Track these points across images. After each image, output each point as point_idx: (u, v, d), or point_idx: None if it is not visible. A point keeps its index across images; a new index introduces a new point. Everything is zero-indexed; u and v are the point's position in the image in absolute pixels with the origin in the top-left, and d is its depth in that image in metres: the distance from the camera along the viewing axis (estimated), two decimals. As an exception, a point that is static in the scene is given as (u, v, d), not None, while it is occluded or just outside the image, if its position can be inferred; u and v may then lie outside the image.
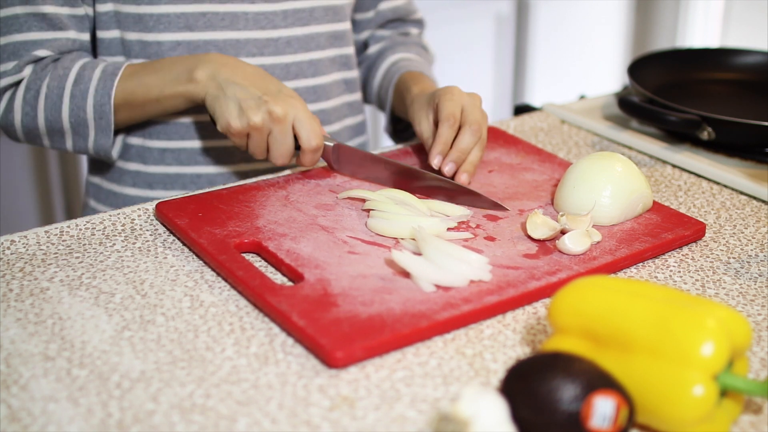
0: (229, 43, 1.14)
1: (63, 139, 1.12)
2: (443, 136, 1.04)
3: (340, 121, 1.27)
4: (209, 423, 0.70)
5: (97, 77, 1.08)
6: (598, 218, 0.97)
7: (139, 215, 1.01)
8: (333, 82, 1.25)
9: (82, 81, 1.08)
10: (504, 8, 2.72)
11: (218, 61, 1.05)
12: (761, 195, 1.08)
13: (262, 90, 1.02)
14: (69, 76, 1.08)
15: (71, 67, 1.09)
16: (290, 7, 1.17)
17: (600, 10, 2.96)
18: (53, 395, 0.73)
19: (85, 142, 1.12)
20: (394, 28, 1.37)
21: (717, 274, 0.92)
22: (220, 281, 0.89)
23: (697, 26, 2.90)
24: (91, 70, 1.09)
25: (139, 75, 1.08)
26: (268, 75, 1.05)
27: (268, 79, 1.04)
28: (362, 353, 0.77)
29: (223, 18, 1.13)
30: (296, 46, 1.19)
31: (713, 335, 0.66)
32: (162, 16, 1.12)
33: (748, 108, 1.30)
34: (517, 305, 0.85)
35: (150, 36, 1.12)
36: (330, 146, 1.05)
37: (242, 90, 1.02)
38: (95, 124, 1.09)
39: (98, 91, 1.08)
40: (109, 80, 1.08)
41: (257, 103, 1.00)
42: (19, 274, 0.90)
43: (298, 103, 1.02)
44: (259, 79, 1.03)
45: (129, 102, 1.08)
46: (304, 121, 1.01)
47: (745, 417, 0.72)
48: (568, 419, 0.64)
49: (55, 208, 2.16)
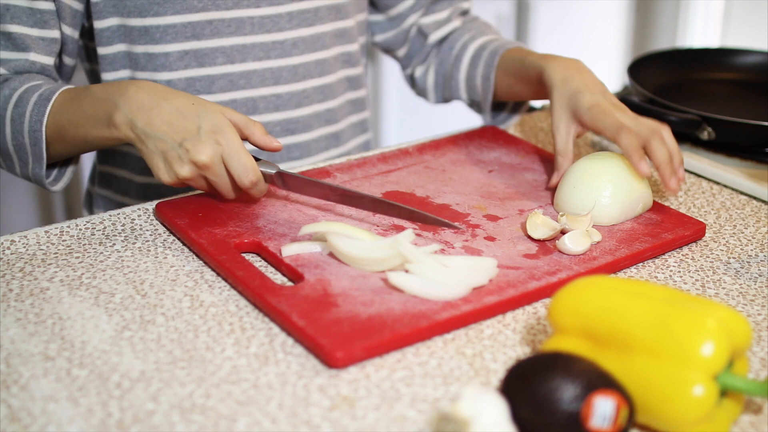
0: (236, 49, 1.13)
1: (12, 162, 1.05)
2: (657, 155, 0.98)
3: (345, 119, 1.27)
4: (209, 423, 0.70)
5: (33, 101, 1.00)
6: (598, 218, 0.97)
7: (139, 215, 1.01)
8: (339, 80, 1.24)
9: (21, 104, 1.01)
10: (504, 8, 2.72)
11: (135, 104, 0.94)
12: (761, 195, 1.08)
13: (180, 135, 0.92)
14: (12, 97, 1.01)
15: (18, 88, 1.02)
16: (295, 9, 1.17)
17: (600, 10, 2.96)
18: (53, 395, 0.73)
19: (27, 169, 1.04)
20: (442, 9, 1.29)
21: (717, 274, 0.92)
22: (220, 281, 0.89)
23: (697, 26, 2.90)
24: (31, 94, 1.01)
25: (68, 109, 0.99)
26: (186, 107, 0.94)
27: (187, 115, 0.93)
28: (362, 353, 0.77)
29: (230, 24, 1.13)
30: (302, 47, 1.18)
31: (713, 335, 0.66)
32: (168, 27, 1.10)
33: (748, 108, 1.30)
34: (517, 305, 0.85)
35: (157, 48, 1.11)
36: (272, 173, 0.96)
37: (161, 141, 0.93)
38: (31, 151, 1.02)
39: (32, 116, 1.00)
40: (42, 106, 1.00)
41: (179, 154, 0.92)
42: (19, 274, 0.90)
43: (223, 138, 0.92)
44: (176, 120, 0.93)
45: (62, 135, 1.00)
46: (233, 157, 0.92)
47: (745, 417, 0.72)
48: (568, 419, 0.64)
49: (55, 208, 2.16)
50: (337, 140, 1.25)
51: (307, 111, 1.21)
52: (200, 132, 0.92)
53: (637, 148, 0.98)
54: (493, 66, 1.20)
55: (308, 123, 1.21)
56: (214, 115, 0.94)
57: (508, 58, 1.19)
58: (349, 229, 0.90)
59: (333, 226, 0.90)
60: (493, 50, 1.21)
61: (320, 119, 1.23)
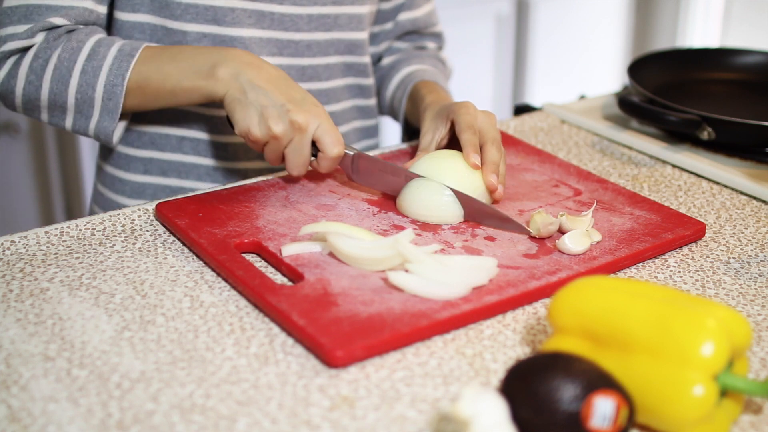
0: (253, 41, 1.13)
1: (63, 115, 1.06)
2: (488, 156, 1.02)
3: (349, 123, 1.28)
4: (209, 423, 0.70)
5: (112, 55, 1.03)
6: (444, 218, 0.98)
7: (139, 216, 1.01)
8: (344, 86, 1.25)
9: (96, 57, 1.03)
10: (504, 8, 2.72)
11: (242, 60, 1.00)
12: (761, 195, 1.08)
13: (285, 97, 0.98)
14: (83, 49, 1.03)
15: (86, 40, 1.04)
16: (316, 12, 1.17)
17: (600, 10, 2.97)
18: (53, 395, 0.73)
19: (87, 122, 1.06)
20: (411, 41, 1.37)
21: (717, 274, 0.92)
22: (220, 281, 0.89)
23: (697, 26, 2.90)
24: (107, 47, 1.04)
25: (158, 61, 1.03)
26: (291, 80, 1.01)
27: (292, 86, 1.00)
28: (362, 353, 0.77)
29: (251, 15, 1.13)
30: (315, 50, 1.19)
31: (713, 335, 0.66)
32: (190, 6, 1.10)
33: (748, 108, 1.30)
34: (517, 305, 0.85)
35: (176, 24, 1.11)
36: (350, 155, 1.01)
37: (265, 96, 0.98)
38: (102, 105, 1.04)
39: (112, 70, 1.03)
40: (125, 61, 1.03)
41: (279, 112, 0.97)
42: (19, 274, 0.90)
43: (322, 112, 0.99)
44: (283, 85, 0.99)
45: (142, 88, 1.03)
46: (327, 130, 0.98)
47: (745, 417, 0.72)
48: (568, 419, 0.64)
49: (55, 208, 2.16)
50: None
51: None
52: (304, 101, 0.99)
53: (474, 145, 1.01)
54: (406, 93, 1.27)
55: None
56: (313, 98, 1.01)
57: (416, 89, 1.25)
58: (349, 229, 0.90)
59: (333, 226, 0.90)
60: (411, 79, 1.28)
61: None
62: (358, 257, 0.87)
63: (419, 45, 1.37)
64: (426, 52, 1.37)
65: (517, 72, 2.86)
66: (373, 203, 1.02)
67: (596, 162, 1.19)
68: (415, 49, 1.37)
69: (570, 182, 1.08)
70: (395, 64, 1.34)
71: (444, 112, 1.08)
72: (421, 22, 1.35)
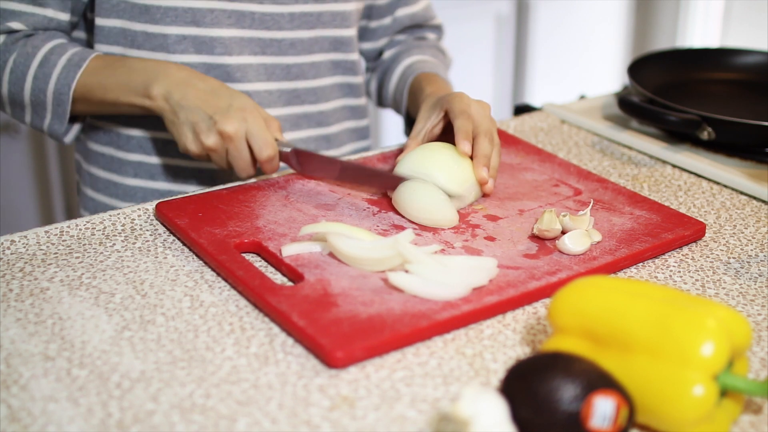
0: (233, 41, 1.14)
1: (23, 112, 1.13)
2: (479, 148, 1.02)
3: (340, 123, 1.28)
4: (209, 423, 0.70)
5: (62, 65, 1.08)
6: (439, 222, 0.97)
7: (139, 215, 1.01)
8: (334, 84, 1.25)
9: (47, 65, 1.08)
10: (504, 8, 2.72)
11: (173, 79, 1.05)
12: (761, 195, 1.08)
13: (212, 109, 1.02)
14: (36, 55, 1.09)
15: (40, 47, 1.09)
16: (298, 10, 1.17)
17: (600, 10, 2.96)
18: (53, 395, 0.73)
19: (42, 122, 1.12)
20: (411, 33, 1.38)
21: (717, 274, 0.92)
22: (220, 281, 0.89)
23: (697, 26, 2.90)
24: (59, 56, 1.09)
25: (101, 74, 1.08)
26: (220, 88, 1.05)
27: (220, 94, 1.04)
28: (362, 353, 0.77)
29: (230, 15, 1.14)
30: (299, 48, 1.19)
31: (713, 335, 0.66)
32: (170, 9, 1.11)
33: (748, 108, 1.30)
34: (517, 305, 0.85)
35: (156, 28, 1.12)
36: (287, 152, 1.04)
37: (193, 113, 1.03)
38: (52, 109, 1.10)
39: (60, 79, 1.08)
40: (72, 71, 1.08)
41: (208, 125, 1.02)
42: (19, 274, 0.90)
43: (249, 115, 1.02)
44: (210, 98, 1.04)
45: (87, 98, 1.09)
46: (255, 134, 1.02)
47: (745, 417, 0.72)
48: (568, 419, 0.64)
49: (55, 208, 2.16)
50: (328, 143, 1.26)
51: (296, 110, 1.21)
52: (230, 108, 1.03)
53: (467, 132, 1.02)
54: (406, 85, 1.28)
55: (296, 122, 1.22)
56: (244, 98, 1.04)
57: (416, 81, 1.26)
58: (349, 229, 0.90)
59: (333, 226, 0.90)
60: (412, 71, 1.28)
61: (310, 120, 1.23)
62: (358, 257, 0.87)
63: (419, 36, 1.38)
64: (426, 42, 1.38)
65: (517, 72, 2.86)
66: (373, 203, 1.02)
67: (596, 162, 1.19)
68: (415, 39, 1.38)
69: (570, 182, 1.08)
70: (396, 56, 1.34)
71: (439, 103, 1.09)
72: (419, 17, 1.36)
